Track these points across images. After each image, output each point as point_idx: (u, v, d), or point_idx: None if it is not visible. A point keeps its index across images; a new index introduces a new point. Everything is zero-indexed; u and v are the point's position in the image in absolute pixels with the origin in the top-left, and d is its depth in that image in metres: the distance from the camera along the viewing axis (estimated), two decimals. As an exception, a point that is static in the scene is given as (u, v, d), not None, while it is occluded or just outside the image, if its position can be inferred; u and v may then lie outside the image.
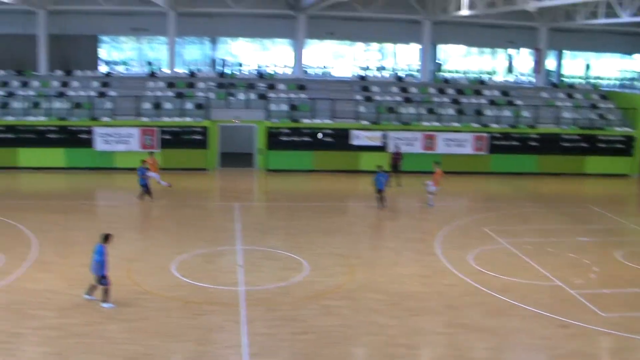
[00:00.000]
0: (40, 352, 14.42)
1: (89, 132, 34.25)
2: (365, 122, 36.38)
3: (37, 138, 34.38)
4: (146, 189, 28.09)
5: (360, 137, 35.74)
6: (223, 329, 15.72)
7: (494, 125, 37.34)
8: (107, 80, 38.71)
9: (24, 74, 38.75)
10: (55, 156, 34.19)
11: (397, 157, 33.36)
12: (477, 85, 41.98)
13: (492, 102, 39.29)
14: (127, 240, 22.63)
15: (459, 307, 17.39)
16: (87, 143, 34.23)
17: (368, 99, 38.46)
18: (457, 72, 47.73)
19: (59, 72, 39.11)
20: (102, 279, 16.78)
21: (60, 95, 36.49)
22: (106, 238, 16.99)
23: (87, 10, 39.66)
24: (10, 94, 36.46)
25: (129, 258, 20.47)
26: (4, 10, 38.78)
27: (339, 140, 35.78)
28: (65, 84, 38.00)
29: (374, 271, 20.14)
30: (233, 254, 21.56)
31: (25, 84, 37.76)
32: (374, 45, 47.06)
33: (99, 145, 34.19)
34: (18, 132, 34.39)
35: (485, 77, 46.62)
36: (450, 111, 38.07)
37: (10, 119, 34.66)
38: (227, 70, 42.59)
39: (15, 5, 34.98)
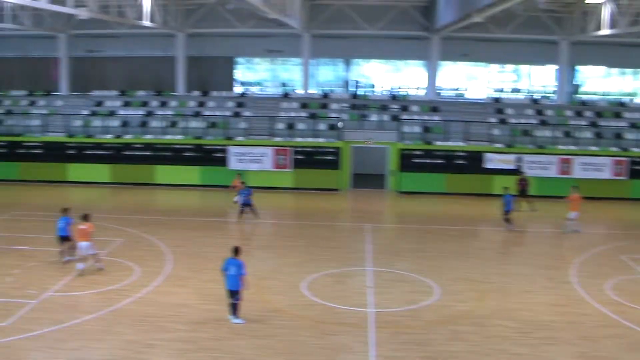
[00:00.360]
0: (171, 364, 14.72)
1: (224, 150, 35.10)
2: (499, 145, 35.51)
3: (174, 156, 35.59)
4: (252, 209, 28.38)
5: (493, 160, 34.90)
6: (351, 350, 15.50)
7: (635, 150, 35.56)
8: (242, 101, 39.63)
9: (163, 94, 40.29)
10: (190, 174, 35.24)
11: (523, 182, 32.19)
12: (617, 108, 40.23)
13: (633, 125, 37.48)
14: (258, 258, 22.90)
15: (594, 339, 16.42)
16: (222, 162, 35.10)
17: (502, 122, 37.56)
18: (595, 94, 45.84)
19: (196, 93, 40.40)
20: (237, 294, 16.93)
21: (197, 114, 37.65)
22: (237, 251, 17.17)
23: (223, 33, 40.82)
24: (150, 113, 37.98)
25: (260, 276, 20.63)
26: (146, 34, 40.50)
27: (472, 162, 35.06)
28: (201, 104, 39.21)
29: (505, 298, 19.42)
30: (363, 275, 21.36)
31: (164, 104, 39.23)
32: (509, 67, 46.00)
33: (233, 164, 34.96)
34: (156, 149, 35.76)
35: (625, 99, 44.53)
36: (588, 134, 36.59)
37: (149, 137, 36.07)
38: (360, 92, 42.70)
39: (156, 29, 36.42)
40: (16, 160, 37.10)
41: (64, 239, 22.01)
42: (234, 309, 16.98)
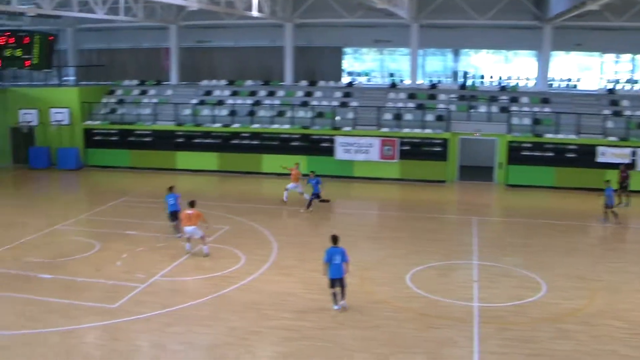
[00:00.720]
0: (275, 351, 14.81)
1: (330, 141, 35.15)
2: (613, 138, 34.10)
3: (280, 145, 35.90)
4: (315, 198, 28.44)
5: (606, 154, 33.54)
6: (455, 345, 15.20)
7: None
8: (349, 91, 39.57)
9: (270, 84, 40.69)
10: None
11: (625, 175, 30.77)
12: None
13: None
14: (362, 249, 22.78)
15: None
16: (328, 151, 35.16)
17: (617, 114, 36.02)
18: None
19: (303, 83, 40.61)
20: (342, 282, 17.00)
21: (304, 104, 37.85)
22: (336, 240, 17.14)
23: (331, 23, 40.83)
24: (257, 103, 38.45)
25: (364, 266, 20.53)
26: (254, 25, 40.97)
27: (584, 156, 33.76)
28: (309, 94, 39.38)
29: (615, 296, 18.59)
30: (468, 268, 20.93)
31: (271, 94, 39.63)
32: (625, 57, 44.10)
33: (339, 154, 34.96)
34: (263, 139, 36.18)
35: None
36: None
37: (256, 127, 36.52)
38: (469, 83, 41.92)
39: (264, 19, 36.75)
40: (127, 148, 38.38)
41: (175, 214, 23.31)
42: (343, 294, 17.10)
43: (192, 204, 21.71)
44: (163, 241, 23.33)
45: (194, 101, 39.63)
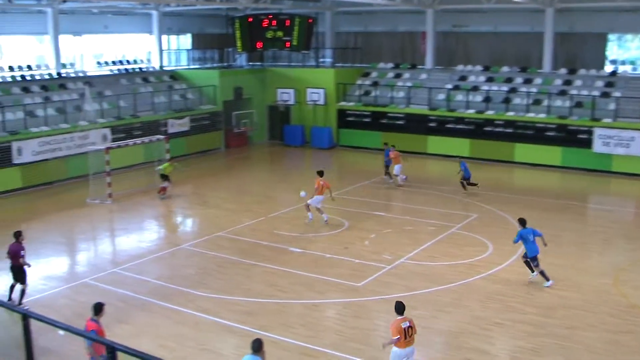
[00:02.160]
0: (515, 345, 14.74)
1: (589, 132, 33.75)
2: None
3: (535, 135, 35.05)
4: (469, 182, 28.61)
5: None
6: None
7: None
8: (612, 80, 37.69)
9: (528, 71, 39.77)
10: (551, 154, 34.43)
11: None
12: None
13: None
14: (617, 247, 21.87)
15: None
16: (586, 143, 33.79)
17: None
18: None
19: (562, 70, 39.27)
20: (537, 259, 18.12)
21: (562, 93, 36.60)
22: (524, 222, 18.64)
23: (596, 7, 39.01)
24: (513, 90, 37.76)
25: (618, 267, 19.69)
26: (513, 9, 40.18)
27: None
28: (568, 83, 38.01)
29: None
30: None
31: (528, 81, 38.73)
32: None
33: (598, 147, 33.47)
34: (517, 127, 35.52)
35: None
36: None
37: (510, 114, 35.93)
38: None
39: (524, 4, 35.94)
40: (379, 129, 39.36)
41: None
42: (543, 274, 18.06)
43: (320, 174, 24.13)
44: (410, 225, 23.84)
45: (448, 86, 39.73)
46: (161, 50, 43.41)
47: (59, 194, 29.49)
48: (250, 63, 46.58)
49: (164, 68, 43.13)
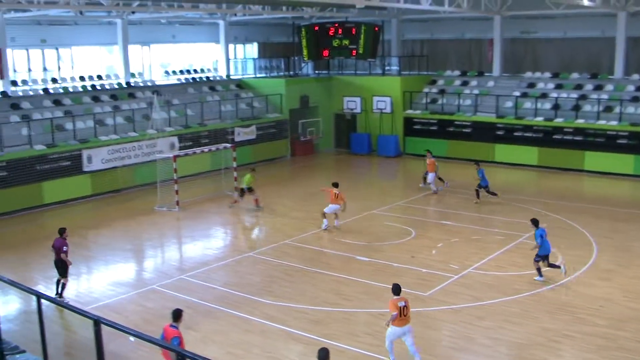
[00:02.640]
0: (584, 358, 14.53)
1: (661, 140, 32.99)
2: None
3: (606, 142, 34.36)
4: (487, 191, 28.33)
5: None
6: None
7: None
8: (687, 86, 36.76)
9: (598, 78, 39.06)
10: (623, 162, 33.70)
11: None
12: None
13: None
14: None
15: None
16: (658, 151, 33.06)
17: None
18: None
19: (635, 76, 38.44)
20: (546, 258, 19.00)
21: (635, 100, 35.83)
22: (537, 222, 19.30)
23: (672, 10, 38.14)
24: (583, 97, 37.11)
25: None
26: (583, 14, 39.50)
27: None
28: (640, 89, 37.25)
29: None
30: None
31: (598, 87, 38.01)
32: None
33: (672, 155, 32.70)
34: (587, 135, 34.88)
35: None
36: None
37: (580, 122, 35.30)
38: None
39: (595, 9, 35.32)
40: (446, 138, 39.15)
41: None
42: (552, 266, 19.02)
43: (335, 185, 24.75)
44: (478, 234, 23.67)
45: (516, 93, 39.25)
46: (228, 59, 44.12)
47: (127, 201, 30.15)
48: (317, 71, 46.94)
49: (231, 77, 43.81)
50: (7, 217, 27.10)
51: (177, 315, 12.45)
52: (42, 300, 9.10)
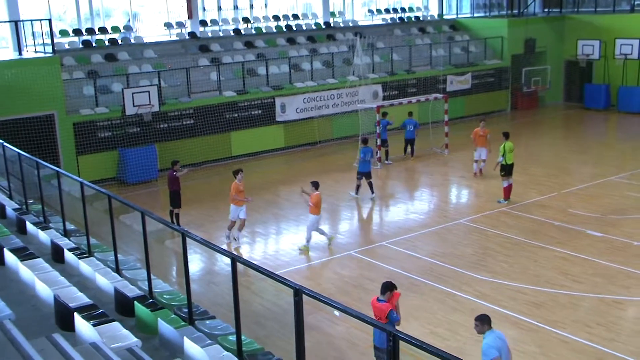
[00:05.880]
0: None
1: None
2: None
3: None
4: None
5: None
6: None
7: None
8: None
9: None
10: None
11: None
12: None
13: None
14: None
15: None
16: None
17: None
18: None
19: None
20: None
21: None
22: None
23: None
24: None
25: None
26: None
27: None
28: None
29: None
30: None
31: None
32: None
33: None
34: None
35: None
36: None
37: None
38: None
39: None
40: None
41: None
42: None
43: (315, 186, 19.63)
44: None
45: None
46: (441, -4, 43.58)
47: (322, 155, 30.58)
48: (546, 10, 45.18)
49: (444, 17, 43.19)
50: (194, 169, 28.26)
51: (386, 288, 12.10)
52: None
